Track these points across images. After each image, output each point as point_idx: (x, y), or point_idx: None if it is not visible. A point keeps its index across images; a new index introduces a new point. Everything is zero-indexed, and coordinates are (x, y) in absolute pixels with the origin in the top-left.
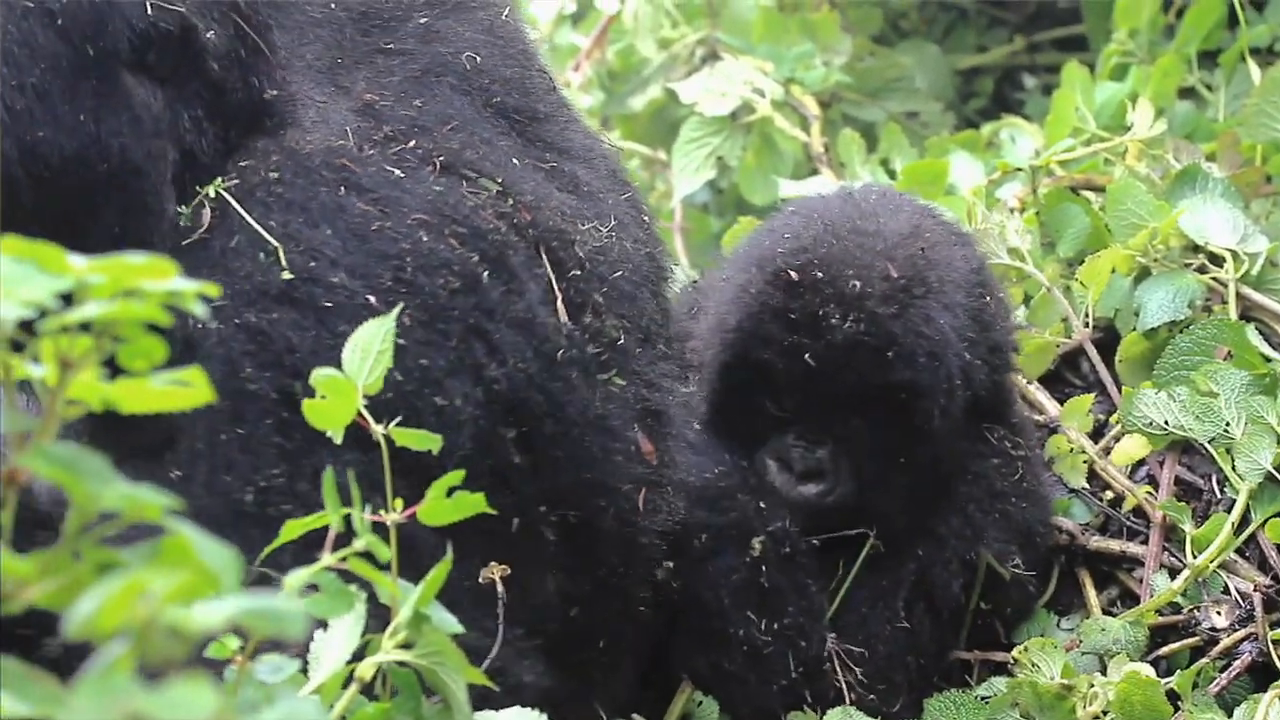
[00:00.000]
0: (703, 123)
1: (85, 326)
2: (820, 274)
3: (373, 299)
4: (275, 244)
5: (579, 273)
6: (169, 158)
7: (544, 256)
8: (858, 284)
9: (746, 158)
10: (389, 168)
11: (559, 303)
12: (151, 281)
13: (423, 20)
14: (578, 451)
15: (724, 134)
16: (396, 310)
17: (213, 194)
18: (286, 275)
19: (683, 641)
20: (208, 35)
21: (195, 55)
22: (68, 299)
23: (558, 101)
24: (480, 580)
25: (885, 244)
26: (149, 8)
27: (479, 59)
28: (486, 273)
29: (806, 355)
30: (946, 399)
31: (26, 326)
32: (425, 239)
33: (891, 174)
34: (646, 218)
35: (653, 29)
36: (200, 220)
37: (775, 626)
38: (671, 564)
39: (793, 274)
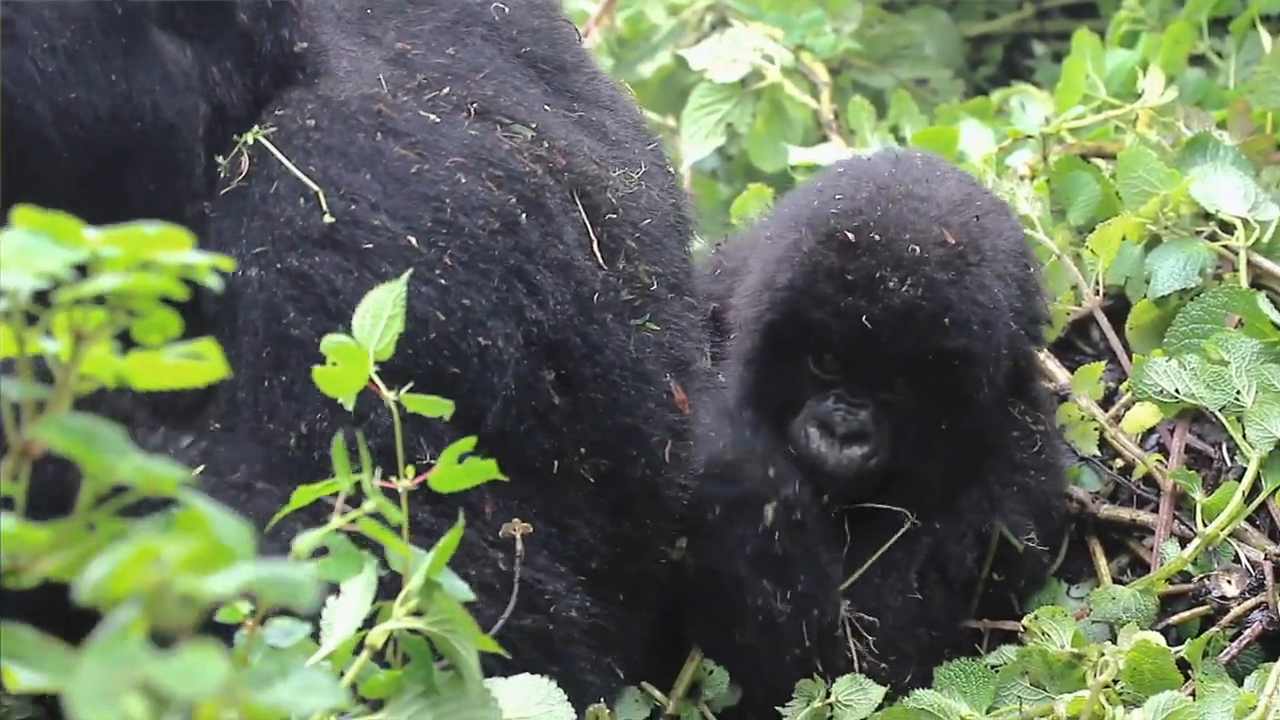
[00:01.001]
0: (712, 89)
1: (99, 299)
2: (877, 236)
3: (414, 240)
4: (315, 189)
5: (613, 217)
6: (200, 113)
7: (578, 201)
8: (916, 248)
9: (756, 124)
10: (424, 113)
11: (594, 246)
12: (167, 253)
13: None
14: (615, 395)
15: (733, 100)
16: (406, 276)
17: (251, 142)
18: (328, 219)
19: (695, 612)
20: None
21: (223, 7)
22: (82, 271)
23: (583, 53)
24: (502, 535)
25: (939, 210)
26: None
27: (506, 10)
28: (524, 214)
29: (863, 317)
30: (995, 368)
31: (40, 298)
32: (463, 181)
33: (901, 141)
34: (670, 169)
35: None
36: (239, 168)
37: (789, 595)
38: (685, 537)
39: (849, 235)
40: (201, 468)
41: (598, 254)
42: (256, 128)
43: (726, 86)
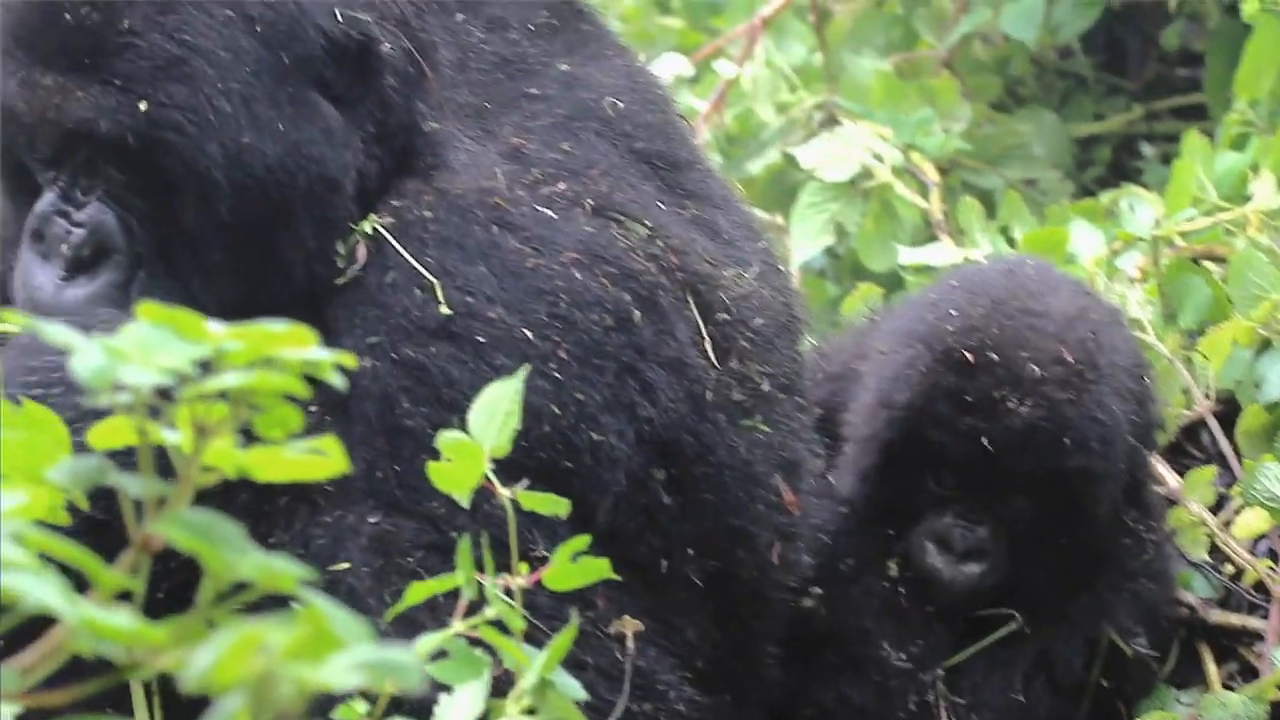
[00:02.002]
0: (822, 188)
1: (222, 394)
2: (994, 355)
3: (529, 333)
4: (432, 280)
5: (725, 317)
6: (352, 174)
7: (691, 300)
8: (1034, 368)
9: (865, 224)
10: (541, 208)
11: (707, 345)
12: (290, 350)
13: (564, 67)
14: (725, 496)
15: (843, 199)
16: (523, 373)
17: (369, 230)
18: (444, 310)
19: (816, 663)
20: (385, 48)
21: (372, 71)
22: (205, 365)
23: (696, 150)
24: (612, 632)
25: (1056, 325)
26: (338, 16)
27: (621, 106)
28: (638, 312)
29: (982, 438)
30: (1113, 483)
31: (164, 393)
32: (579, 277)
33: (1011, 242)
34: (782, 268)
35: (771, 93)
36: (355, 256)
37: (904, 655)
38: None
39: (966, 354)
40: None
41: (710, 353)
42: (373, 216)
43: (836, 185)
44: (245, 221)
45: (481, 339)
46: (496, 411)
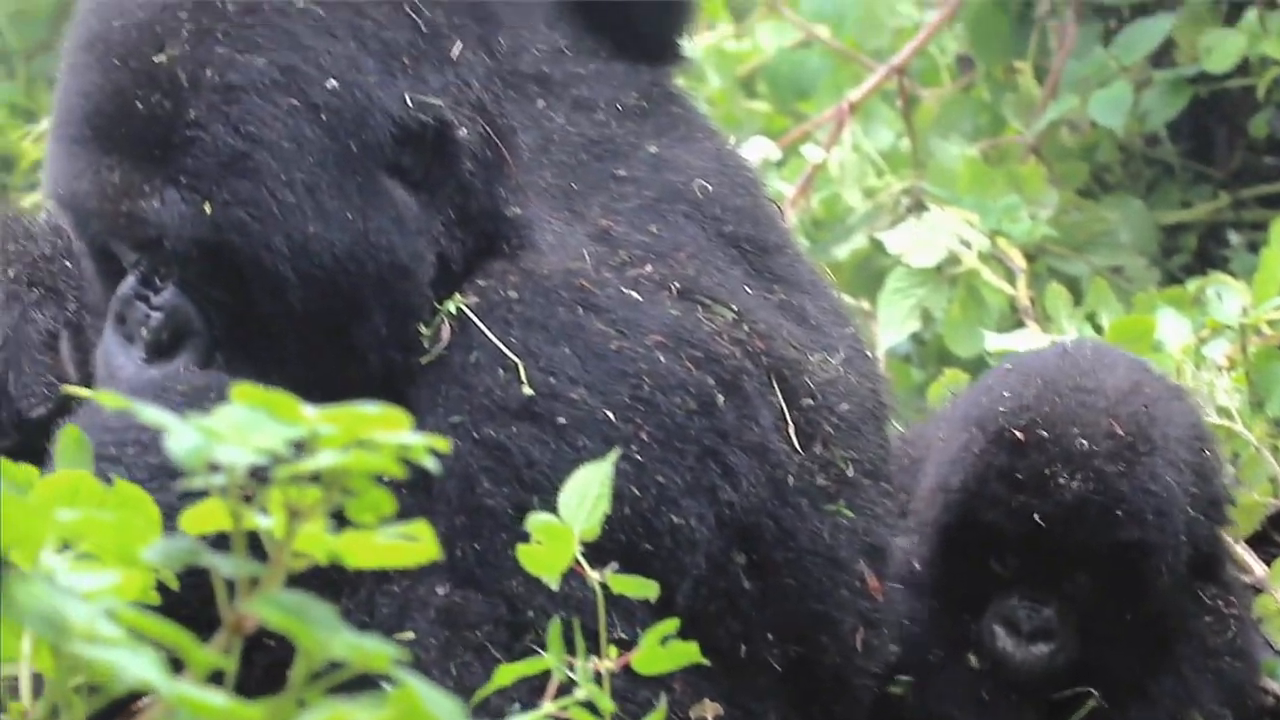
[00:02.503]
0: (908, 273)
1: (314, 477)
2: (1045, 433)
3: (611, 415)
4: (515, 360)
5: (810, 402)
6: (429, 260)
7: (776, 385)
8: (1084, 442)
9: (952, 310)
10: (627, 290)
11: (791, 431)
12: (384, 433)
13: (653, 149)
14: (807, 581)
15: (929, 285)
16: (614, 456)
17: (453, 309)
18: (527, 391)
19: None
20: (461, 133)
21: (449, 156)
22: (298, 446)
23: (785, 234)
24: (692, 716)
25: (1107, 401)
26: (408, 101)
27: (710, 188)
28: (722, 396)
29: (1034, 515)
30: (1173, 555)
31: (255, 472)
32: (663, 360)
33: (1098, 329)
34: (869, 354)
35: (858, 178)
36: (440, 337)
37: None
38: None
39: (1016, 433)
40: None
41: (793, 439)
42: (458, 296)
43: (923, 271)
44: (316, 310)
45: (563, 420)
46: (586, 495)
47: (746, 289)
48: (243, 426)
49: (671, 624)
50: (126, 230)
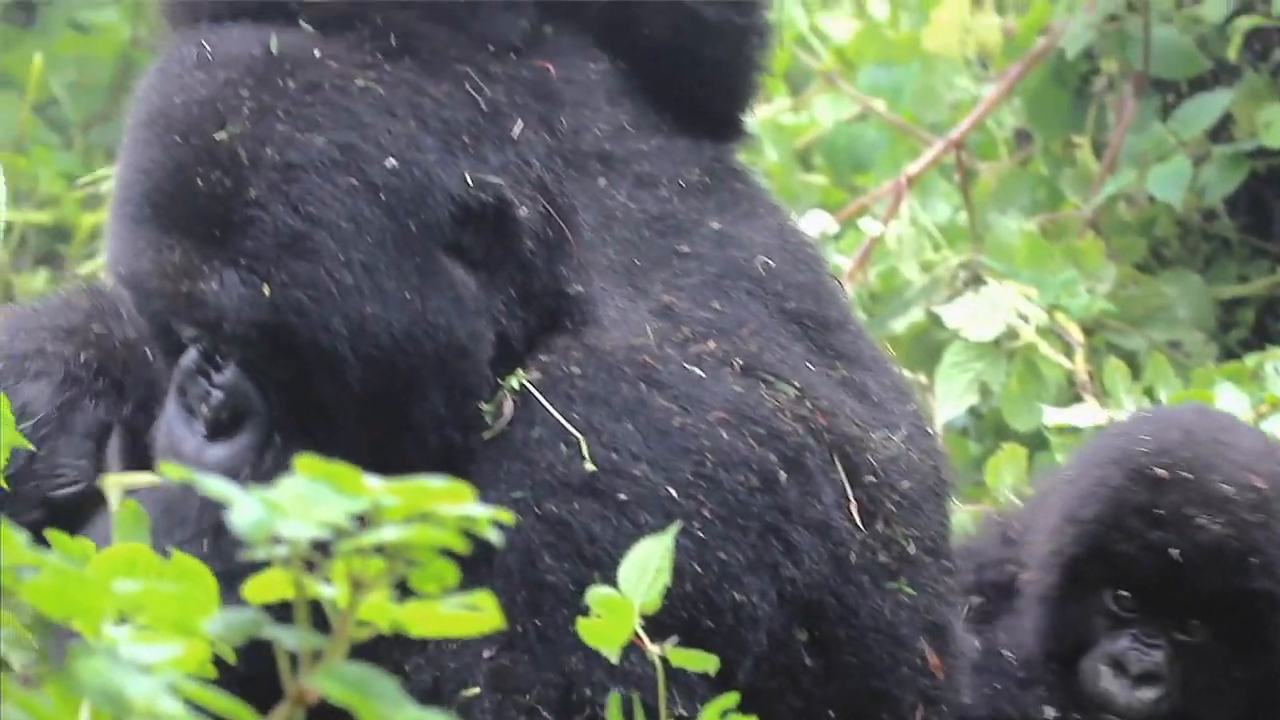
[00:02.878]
0: (966, 347)
1: (378, 548)
2: (1187, 474)
3: (673, 492)
4: (578, 436)
5: (872, 480)
6: (488, 339)
7: (839, 462)
8: (1226, 488)
9: (1010, 384)
10: (689, 367)
11: (853, 508)
12: (447, 505)
13: (716, 225)
14: (868, 659)
15: (987, 359)
16: (674, 528)
17: (515, 385)
18: (589, 467)
19: None
20: (522, 212)
21: (510, 235)
22: (361, 519)
23: (847, 310)
24: None
25: (1246, 457)
26: (468, 180)
27: (773, 265)
28: (784, 473)
29: (1170, 551)
30: None
31: (319, 546)
32: (725, 436)
33: (1156, 404)
34: (930, 431)
35: (915, 252)
36: (503, 412)
37: None
38: None
39: (1158, 471)
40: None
41: (855, 516)
42: (520, 371)
43: (980, 345)
44: (375, 390)
45: (625, 496)
46: (647, 568)
47: (809, 365)
48: (305, 499)
49: (732, 698)
50: (186, 311)
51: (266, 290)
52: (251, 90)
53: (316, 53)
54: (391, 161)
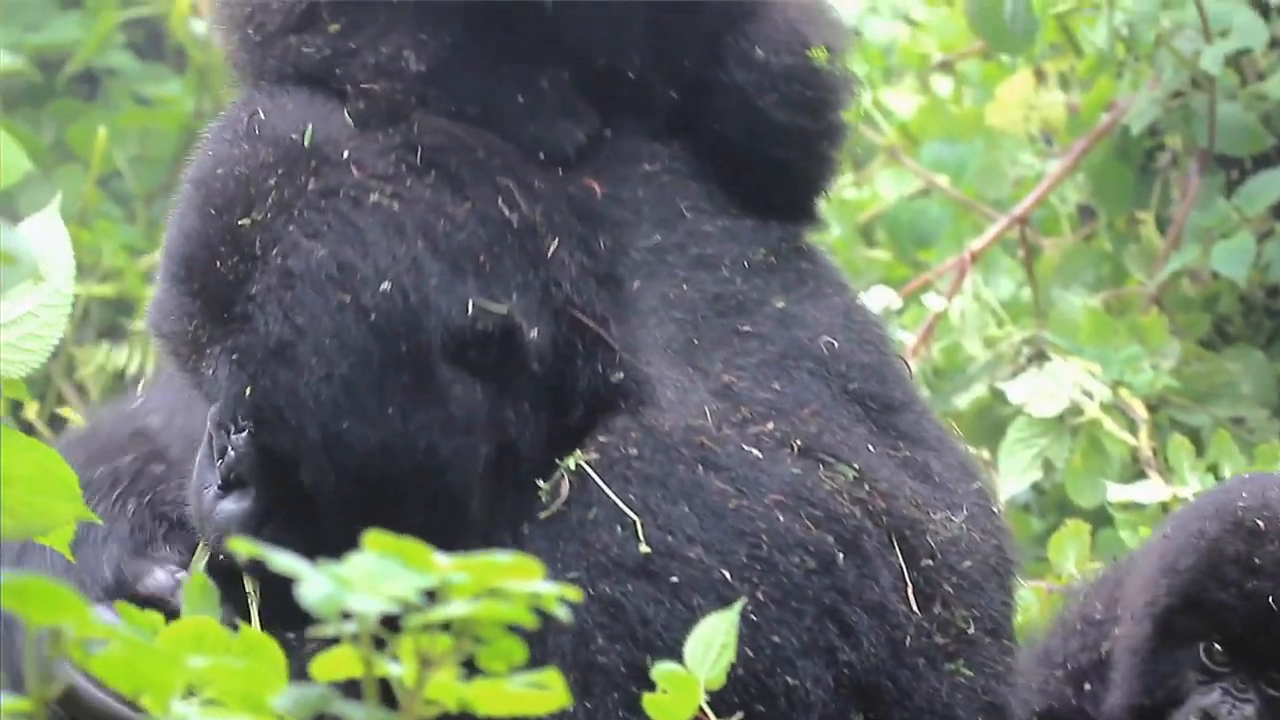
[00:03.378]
0: (1030, 423)
1: (445, 625)
2: None
3: (727, 574)
4: (634, 517)
5: (930, 562)
6: (480, 454)
7: (896, 544)
8: None
9: (1074, 460)
10: (747, 448)
11: (909, 591)
12: (515, 582)
13: (780, 304)
14: None
15: (1051, 435)
16: (739, 604)
17: (573, 466)
18: (644, 548)
19: None
20: (532, 335)
21: (519, 353)
22: (429, 595)
23: (911, 390)
24: None
25: None
26: (469, 307)
27: (836, 344)
28: (841, 555)
29: (1268, 598)
30: None
31: (386, 620)
32: (781, 519)
33: (1220, 480)
34: (995, 510)
35: (979, 327)
36: (559, 492)
37: None
38: None
39: (1257, 523)
40: None
41: (912, 599)
42: (579, 452)
43: (1044, 421)
44: (351, 496)
45: (679, 579)
46: (711, 644)
47: (869, 447)
48: (375, 574)
49: None
50: (194, 381)
51: (249, 391)
52: (278, 181)
53: (345, 153)
54: (386, 285)
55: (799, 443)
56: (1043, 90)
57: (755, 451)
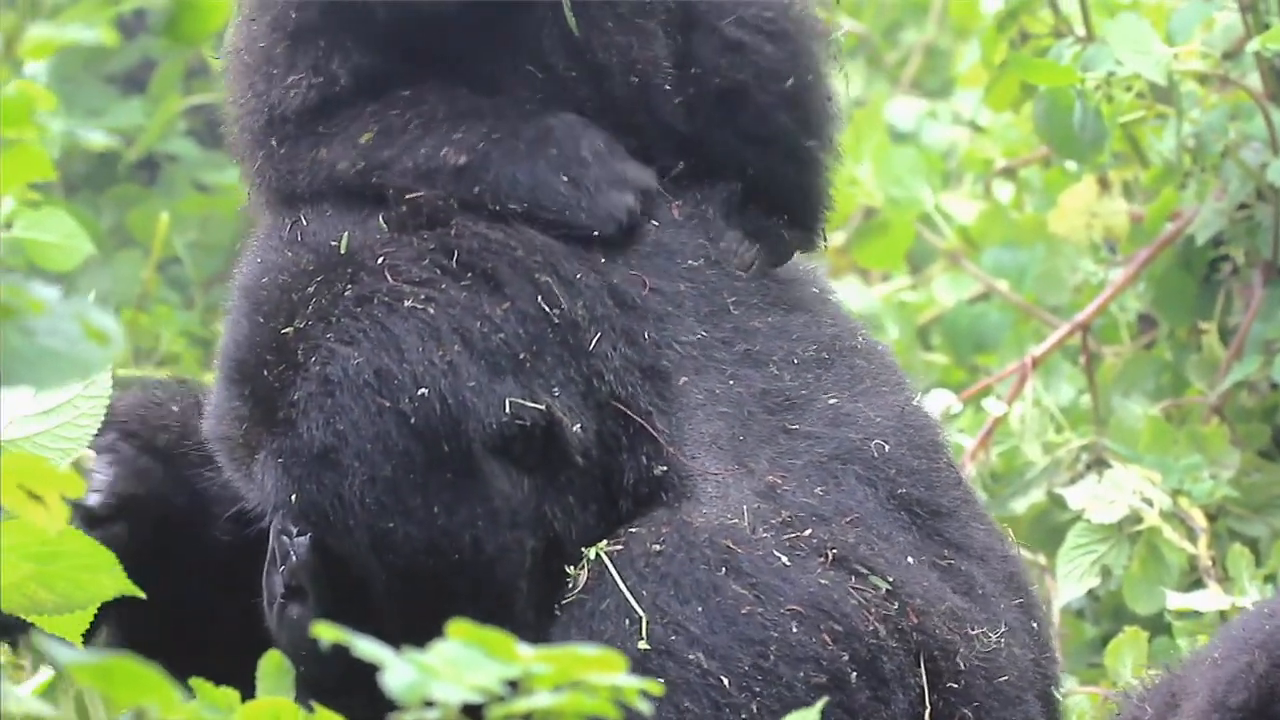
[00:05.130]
0: (1089, 529)
1: (527, 716)
2: None
3: (726, 681)
4: (640, 614)
5: (955, 686)
6: (527, 548)
7: (922, 666)
8: None
9: (1132, 567)
10: (777, 554)
11: (927, 715)
12: (598, 674)
13: (832, 401)
14: None
15: (1110, 542)
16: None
17: (593, 555)
18: (643, 645)
19: None
20: (575, 429)
21: (562, 448)
22: (512, 685)
23: (962, 497)
24: None
25: None
26: (506, 406)
27: (887, 448)
28: (854, 675)
29: None
30: None
31: (469, 710)
32: (795, 631)
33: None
34: (1037, 624)
35: (1038, 433)
36: (580, 580)
37: None
38: None
39: None
40: None
41: None
42: (605, 542)
43: (1104, 527)
44: (404, 591)
45: (673, 680)
46: None
47: (910, 557)
48: (458, 663)
49: None
50: (245, 485)
51: (294, 497)
52: (317, 288)
53: (380, 259)
54: (423, 391)
55: (834, 551)
56: (1106, 198)
57: (784, 559)
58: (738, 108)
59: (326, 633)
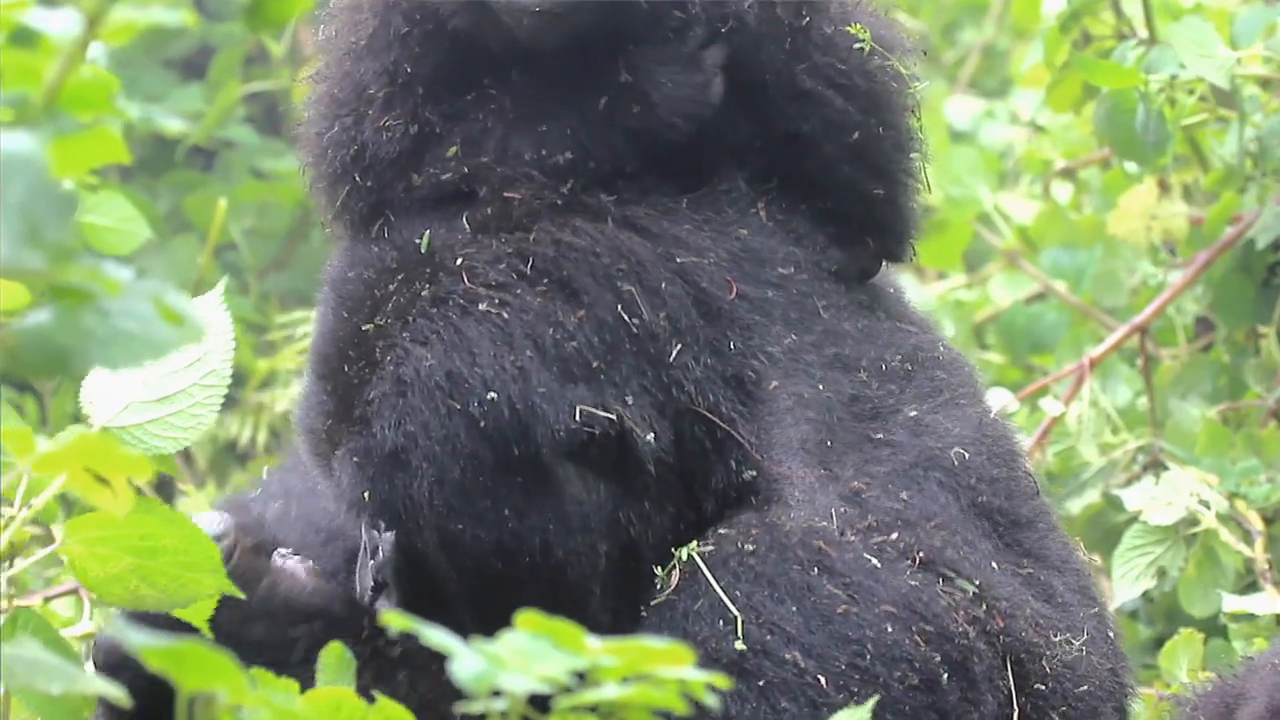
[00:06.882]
0: (1145, 531)
1: (593, 707)
2: None
3: (822, 681)
4: (736, 613)
5: (1042, 688)
6: (600, 552)
7: (1009, 668)
8: None
9: (1188, 569)
10: (867, 556)
11: (1015, 716)
12: (666, 668)
13: (913, 413)
14: None
15: (1166, 544)
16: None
17: (685, 556)
18: (739, 645)
19: None
20: (648, 438)
21: (635, 454)
22: (580, 676)
23: (1039, 507)
24: None
25: None
26: (577, 413)
27: (967, 456)
28: (946, 675)
29: None
30: None
31: (535, 701)
32: (890, 631)
33: None
34: (1112, 634)
35: (1095, 434)
36: (670, 581)
37: None
38: None
39: None
40: None
41: None
42: (696, 543)
43: (1160, 529)
44: (473, 591)
45: (769, 680)
46: None
47: (993, 565)
48: (527, 654)
49: None
50: (326, 477)
51: (367, 495)
52: (398, 286)
53: (459, 260)
54: (493, 395)
55: (921, 555)
56: (1166, 201)
57: (874, 560)
58: (802, 156)
59: (396, 621)
